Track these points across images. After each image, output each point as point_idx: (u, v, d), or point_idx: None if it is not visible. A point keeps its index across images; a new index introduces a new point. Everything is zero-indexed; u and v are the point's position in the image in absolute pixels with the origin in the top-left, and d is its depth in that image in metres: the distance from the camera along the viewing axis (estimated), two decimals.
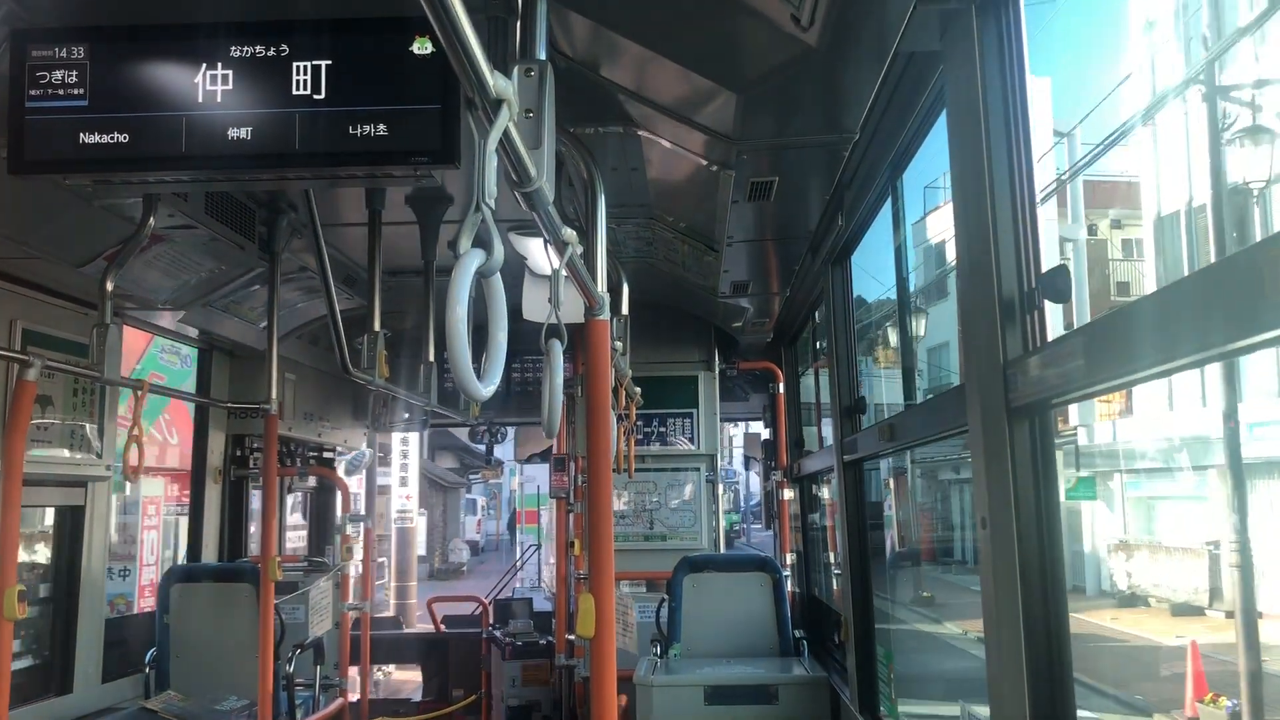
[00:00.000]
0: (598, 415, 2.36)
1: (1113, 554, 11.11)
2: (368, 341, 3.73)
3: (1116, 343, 1.61)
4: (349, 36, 2.38)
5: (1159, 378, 1.60)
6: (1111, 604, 10.35)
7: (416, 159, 2.36)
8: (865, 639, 4.12)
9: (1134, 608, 10.19)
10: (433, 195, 3.85)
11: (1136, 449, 11.46)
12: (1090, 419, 11.56)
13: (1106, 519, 11.70)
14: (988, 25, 2.11)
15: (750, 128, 3.00)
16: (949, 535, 14.06)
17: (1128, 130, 10.58)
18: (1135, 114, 10.82)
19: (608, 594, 2.31)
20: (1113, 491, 11.78)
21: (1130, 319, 1.60)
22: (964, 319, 2.26)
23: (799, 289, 5.32)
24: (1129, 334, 1.58)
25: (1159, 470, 11.37)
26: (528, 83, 1.51)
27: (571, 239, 1.96)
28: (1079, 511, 11.53)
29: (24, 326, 4.03)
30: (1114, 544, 11.12)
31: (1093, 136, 13.81)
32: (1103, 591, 10.84)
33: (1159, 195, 11.11)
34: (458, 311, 1.18)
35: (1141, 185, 12.08)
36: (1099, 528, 11.54)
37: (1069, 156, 12.47)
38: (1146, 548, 10.78)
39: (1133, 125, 10.74)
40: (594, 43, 2.74)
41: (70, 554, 4.48)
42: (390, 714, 7.52)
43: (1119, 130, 9.91)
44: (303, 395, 6.47)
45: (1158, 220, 11.06)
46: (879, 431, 3.57)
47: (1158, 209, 11.09)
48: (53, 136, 2.39)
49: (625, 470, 5.64)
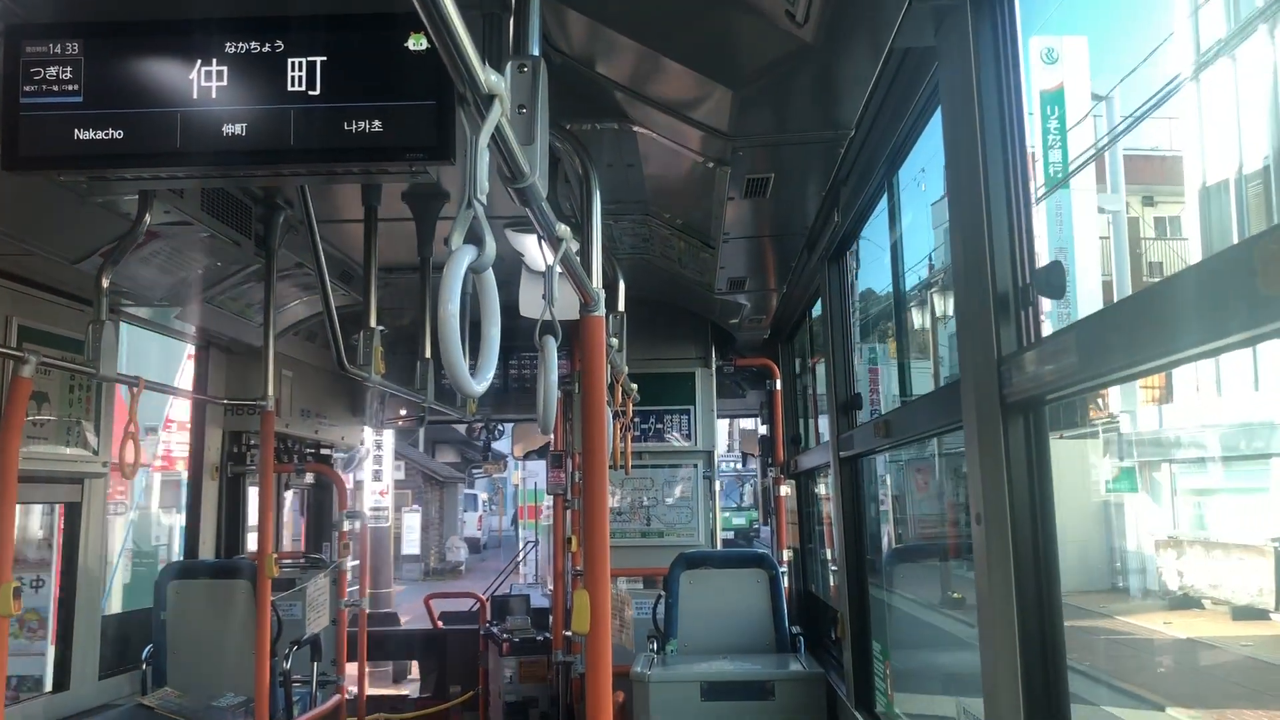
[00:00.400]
0: (593, 412, 2.37)
1: (1161, 552, 10.28)
2: (364, 338, 3.73)
3: (1111, 338, 1.61)
4: (344, 32, 2.38)
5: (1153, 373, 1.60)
6: (1161, 606, 9.60)
7: (412, 155, 2.36)
8: (862, 635, 4.13)
9: (1188, 610, 9.38)
10: (429, 191, 3.85)
11: (1186, 436, 10.63)
12: (1133, 404, 10.65)
13: (1153, 513, 10.85)
14: (982, 21, 2.11)
15: (746, 124, 3.00)
16: None
17: (1172, 92, 9.70)
18: (1182, 73, 9.82)
19: (603, 590, 2.31)
20: (1159, 483, 10.87)
21: (1124, 314, 1.61)
22: (959, 314, 2.27)
23: (796, 285, 5.32)
24: (1123, 329, 1.58)
25: (1212, 459, 10.47)
26: (521, 78, 1.51)
27: (566, 235, 1.96)
28: (1120, 506, 10.82)
29: (19, 323, 4.02)
30: (1162, 541, 10.31)
31: (1135, 101, 12.99)
32: (1148, 592, 10.04)
33: (1204, 164, 10.14)
34: (450, 308, 1.18)
35: (1184, 156, 11.05)
36: (1143, 522, 10.77)
37: (1108, 120, 11.73)
38: (1200, 545, 9.94)
39: (1177, 87, 9.78)
40: (589, 39, 2.73)
41: (67, 551, 4.48)
42: (388, 711, 7.53)
43: (1164, 90, 8.82)
44: (299, 392, 6.46)
45: (1203, 191, 10.15)
46: (875, 427, 3.58)
47: (1203, 179, 10.16)
48: (47, 133, 2.39)
49: (622, 467, 5.64)
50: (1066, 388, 1.80)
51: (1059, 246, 11.88)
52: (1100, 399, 10.22)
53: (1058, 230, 12.12)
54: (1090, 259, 12.12)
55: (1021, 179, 2.07)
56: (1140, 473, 10.75)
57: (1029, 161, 2.08)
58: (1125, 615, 9.72)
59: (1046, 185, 12.54)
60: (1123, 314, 1.60)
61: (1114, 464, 10.57)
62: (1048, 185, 12.55)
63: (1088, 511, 10.72)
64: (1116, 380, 1.68)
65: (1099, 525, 10.76)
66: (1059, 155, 12.76)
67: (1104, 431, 10.62)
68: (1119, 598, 10.18)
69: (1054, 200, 12.30)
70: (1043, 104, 12.53)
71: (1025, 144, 2.08)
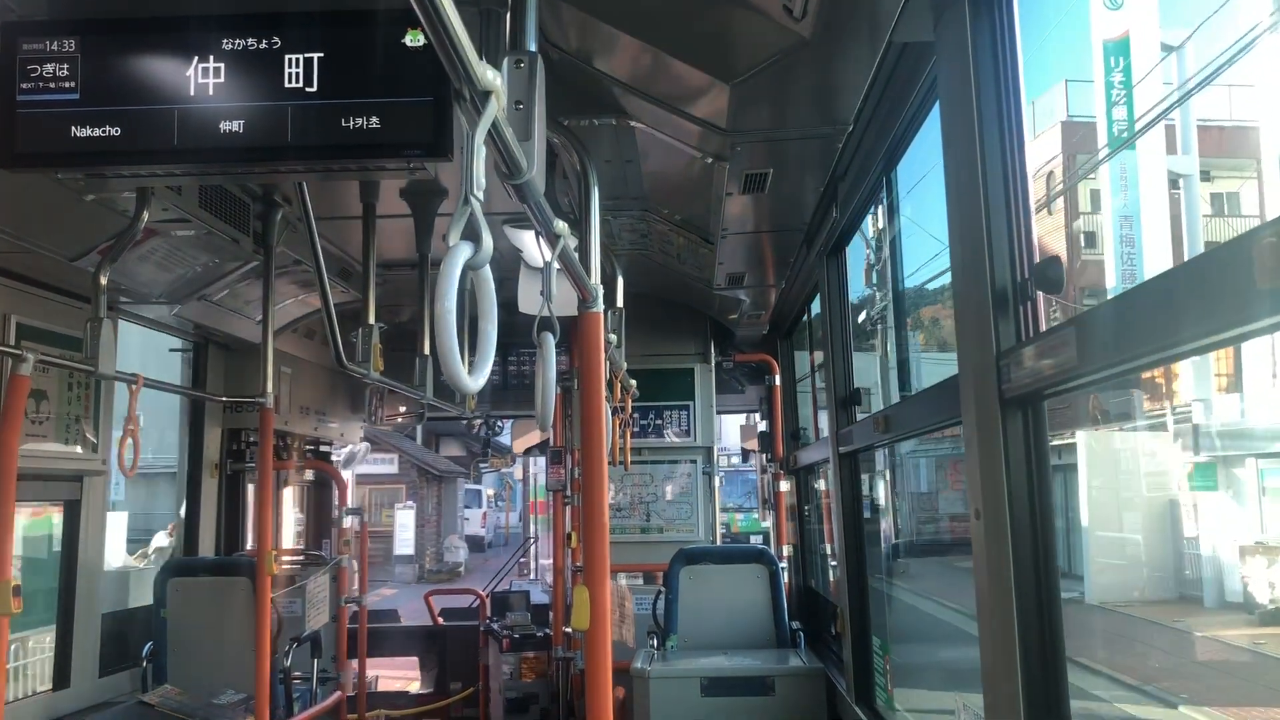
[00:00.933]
0: (592, 408, 2.37)
1: (1246, 559, 8.95)
2: (363, 335, 3.73)
3: (1109, 333, 1.61)
4: (341, 29, 2.38)
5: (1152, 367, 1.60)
6: (1247, 621, 8.38)
7: (409, 152, 2.35)
8: (861, 630, 4.13)
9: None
10: (427, 188, 3.84)
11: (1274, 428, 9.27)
12: (1207, 391, 9.31)
13: (1235, 515, 9.42)
14: (980, 16, 2.11)
15: (744, 119, 3.00)
16: None
17: (1247, 47, 8.85)
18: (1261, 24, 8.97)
19: (603, 586, 2.31)
20: (1241, 481, 9.38)
21: (1122, 309, 1.61)
22: (958, 310, 2.27)
23: (794, 281, 5.32)
24: (1122, 324, 1.58)
25: None
26: (518, 74, 1.51)
27: (564, 231, 1.96)
28: (1193, 506, 9.53)
29: (18, 321, 4.02)
30: (1248, 546, 8.99)
31: (1210, 54, 10.50)
32: (1227, 604, 8.76)
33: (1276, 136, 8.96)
34: (446, 304, 1.18)
35: (1256, 126, 9.91)
36: (1222, 525, 9.37)
37: (1178, 75, 10.24)
38: None
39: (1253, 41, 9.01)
40: (587, 35, 2.73)
41: (67, 549, 4.48)
42: (388, 707, 7.53)
43: (1241, 42, 7.73)
44: (298, 389, 6.46)
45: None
46: (875, 422, 3.58)
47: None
48: (44, 130, 2.38)
49: (621, 463, 5.64)
50: (1065, 382, 1.80)
51: (1124, 214, 10.96)
52: (1161, 384, 9.33)
53: (1122, 195, 11.06)
54: (1158, 228, 10.76)
55: (1020, 173, 2.07)
56: (1220, 469, 9.46)
57: (1027, 156, 2.08)
58: (1206, 630, 8.64)
59: (1110, 145, 11.55)
60: (1121, 308, 1.60)
61: (1188, 459, 9.36)
62: (1111, 145, 11.56)
63: (1150, 512, 9.90)
64: (1117, 374, 1.68)
65: (1163, 527, 9.82)
66: (1124, 113, 11.48)
67: (1175, 423, 9.45)
68: (1190, 608, 9.09)
69: (1118, 162, 11.24)
70: (1105, 55, 11.31)
71: (1024, 138, 2.08)
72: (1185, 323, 1.38)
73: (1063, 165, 13.64)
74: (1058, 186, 13.09)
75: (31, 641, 5.87)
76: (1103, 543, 10.28)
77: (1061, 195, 12.75)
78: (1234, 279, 1.25)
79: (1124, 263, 11.08)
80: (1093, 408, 9.66)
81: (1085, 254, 13.33)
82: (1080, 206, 13.05)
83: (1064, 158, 13.74)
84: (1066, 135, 13.80)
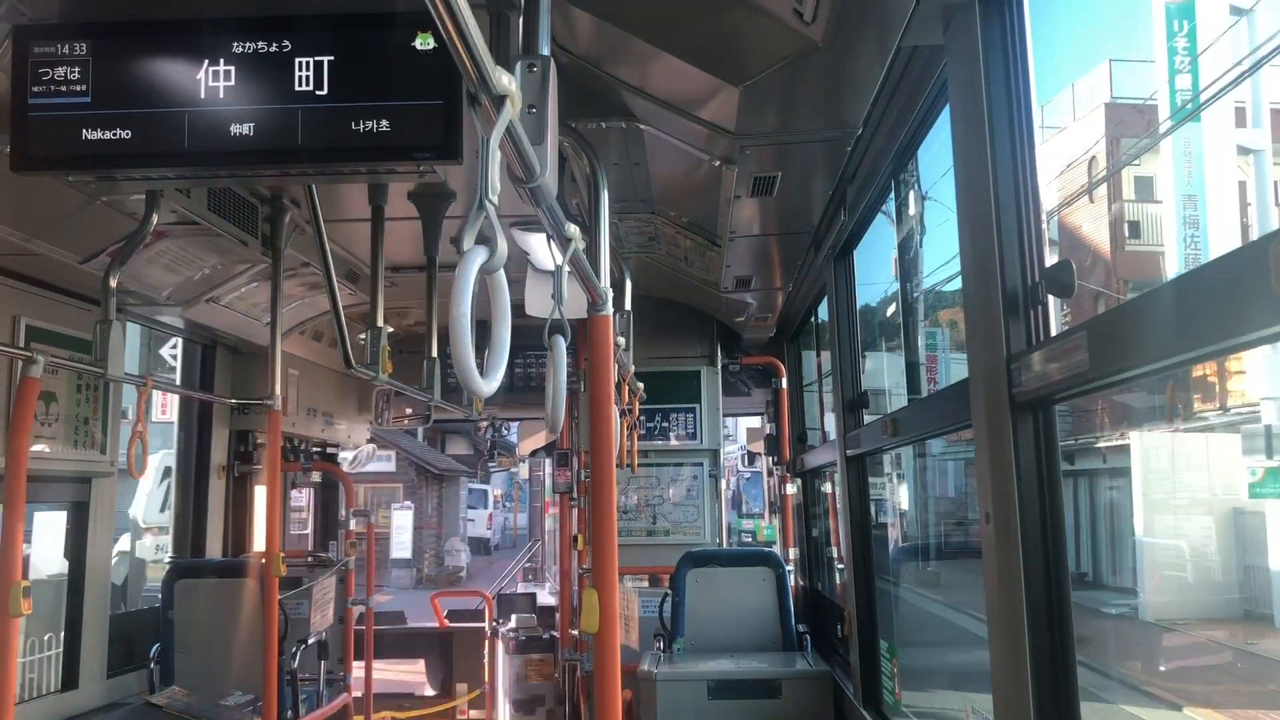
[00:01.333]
0: (600, 411, 2.36)
1: None
2: (371, 337, 3.73)
3: (1122, 336, 1.61)
4: (351, 32, 2.38)
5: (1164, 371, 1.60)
6: None
7: (419, 155, 2.36)
8: (868, 633, 4.12)
9: None
10: (435, 191, 3.85)
11: None
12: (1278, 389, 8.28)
13: None
14: (991, 19, 2.11)
15: (753, 123, 2.99)
16: None
17: None
18: None
19: (611, 589, 2.31)
20: None
21: (1135, 313, 1.60)
22: (968, 312, 2.26)
23: (802, 284, 5.32)
24: (1133, 328, 1.58)
25: None
26: (530, 78, 1.51)
27: (575, 234, 1.96)
28: (1261, 514, 8.47)
29: (27, 323, 4.03)
30: None
31: None
32: None
33: None
34: (462, 308, 1.18)
35: None
36: None
37: (1249, 40, 9.16)
38: None
39: None
40: (596, 37, 2.73)
41: (75, 550, 4.49)
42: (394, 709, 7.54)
43: None
44: (305, 391, 6.47)
45: None
46: (882, 426, 3.57)
47: None
48: (55, 133, 2.39)
49: (628, 465, 5.64)
50: (1076, 386, 1.80)
51: (1187, 194, 10.01)
52: (1215, 382, 8.45)
53: (1185, 173, 10.11)
54: (1226, 209, 9.70)
55: (1030, 176, 2.07)
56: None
57: (1037, 159, 2.08)
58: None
59: (1174, 118, 10.66)
60: (1134, 313, 1.60)
61: (1256, 462, 8.35)
62: (1175, 118, 10.66)
63: (1213, 520, 8.99)
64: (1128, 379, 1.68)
65: (1227, 537, 8.91)
66: (1188, 81, 10.47)
67: (1244, 423, 8.53)
68: (1261, 628, 8.11)
69: (1180, 136, 10.36)
70: (1168, 19, 10.46)
71: (1034, 142, 2.08)
72: (1200, 328, 1.38)
73: (1106, 150, 12.88)
74: (1100, 174, 12.34)
75: None
76: (1160, 553, 9.41)
77: (1105, 182, 12.03)
78: (1249, 283, 1.24)
79: (1188, 246, 10.23)
80: (1171, 396, 8.93)
81: (1129, 245, 12.57)
82: (1125, 193, 12.34)
83: (1107, 142, 12.89)
84: (1110, 118, 13.06)
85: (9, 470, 3.08)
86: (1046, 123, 14.42)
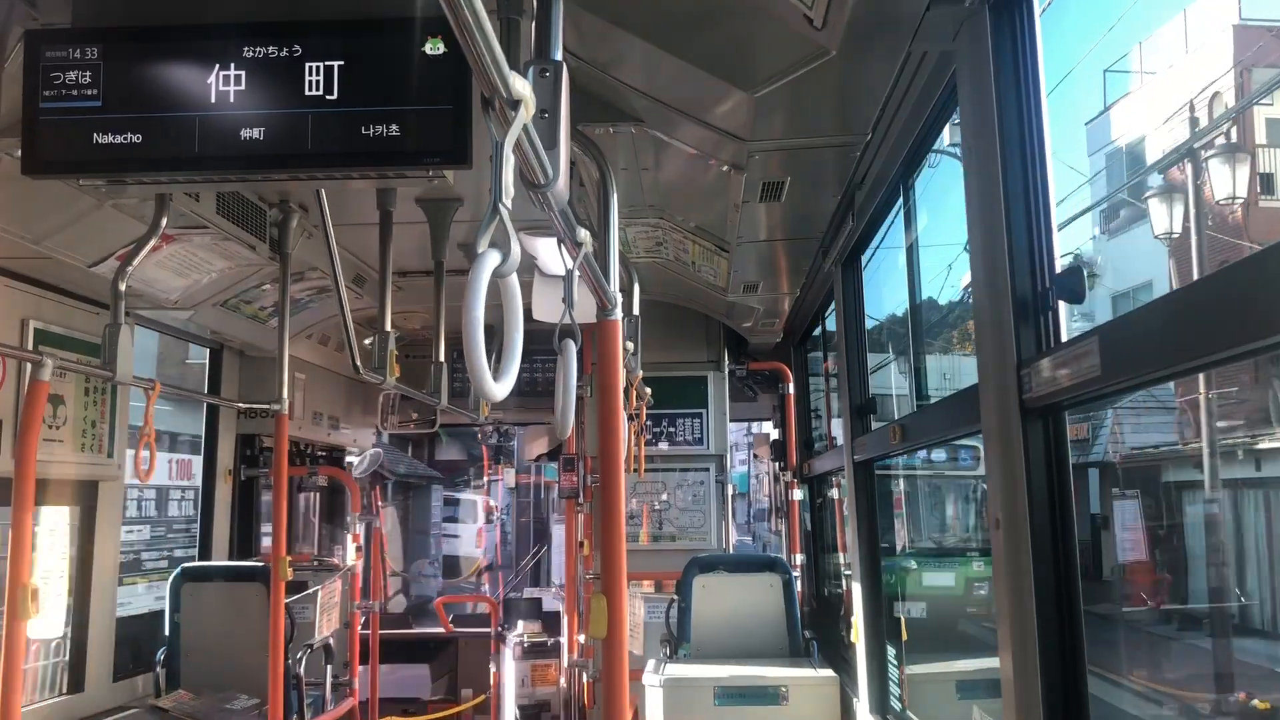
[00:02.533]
0: (609, 416, 2.36)
1: None
2: (378, 341, 3.73)
3: (1133, 343, 1.60)
4: (362, 37, 2.38)
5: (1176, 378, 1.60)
6: None
7: (429, 159, 2.36)
8: (876, 639, 4.11)
9: None
10: (443, 196, 3.85)
11: None
12: None
13: None
14: (1001, 25, 2.11)
15: (762, 128, 2.99)
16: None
17: None
18: None
19: (620, 595, 2.31)
20: None
21: (1146, 320, 1.60)
22: (978, 318, 2.26)
23: (809, 289, 5.31)
24: (1144, 335, 1.57)
25: None
26: (543, 83, 1.51)
27: (586, 240, 1.96)
28: None
29: (36, 326, 4.04)
30: None
31: None
32: None
33: None
34: (475, 312, 1.18)
35: None
36: None
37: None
38: None
39: None
40: (606, 42, 2.73)
41: (82, 554, 4.49)
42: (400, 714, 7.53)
43: None
44: (312, 395, 6.48)
45: None
46: (890, 431, 3.56)
47: None
48: (66, 137, 2.39)
49: (635, 470, 5.63)
50: (1086, 392, 1.79)
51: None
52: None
53: None
54: None
55: (1041, 182, 2.06)
56: None
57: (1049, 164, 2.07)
58: None
59: None
60: (1145, 319, 1.60)
61: None
62: None
63: None
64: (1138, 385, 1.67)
65: None
66: None
67: None
68: None
69: None
70: None
71: (1045, 147, 2.07)
72: (1210, 334, 1.37)
73: (1234, 82, 10.77)
74: (1222, 114, 10.06)
75: None
76: None
77: (1233, 121, 9.89)
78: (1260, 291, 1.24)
79: None
80: None
81: (1264, 200, 10.44)
82: (1256, 138, 10.14)
83: (1235, 73, 10.82)
84: (1239, 43, 11.07)
85: (18, 472, 3.09)
86: (1145, 65, 12.76)
